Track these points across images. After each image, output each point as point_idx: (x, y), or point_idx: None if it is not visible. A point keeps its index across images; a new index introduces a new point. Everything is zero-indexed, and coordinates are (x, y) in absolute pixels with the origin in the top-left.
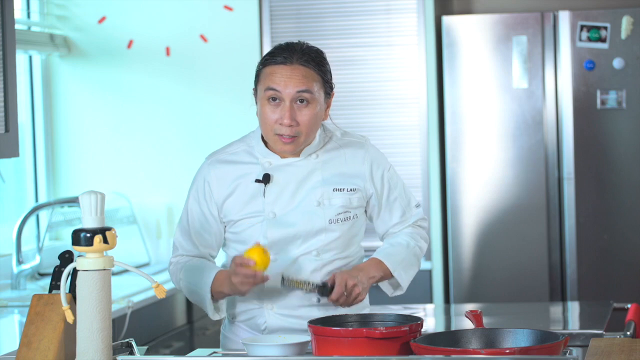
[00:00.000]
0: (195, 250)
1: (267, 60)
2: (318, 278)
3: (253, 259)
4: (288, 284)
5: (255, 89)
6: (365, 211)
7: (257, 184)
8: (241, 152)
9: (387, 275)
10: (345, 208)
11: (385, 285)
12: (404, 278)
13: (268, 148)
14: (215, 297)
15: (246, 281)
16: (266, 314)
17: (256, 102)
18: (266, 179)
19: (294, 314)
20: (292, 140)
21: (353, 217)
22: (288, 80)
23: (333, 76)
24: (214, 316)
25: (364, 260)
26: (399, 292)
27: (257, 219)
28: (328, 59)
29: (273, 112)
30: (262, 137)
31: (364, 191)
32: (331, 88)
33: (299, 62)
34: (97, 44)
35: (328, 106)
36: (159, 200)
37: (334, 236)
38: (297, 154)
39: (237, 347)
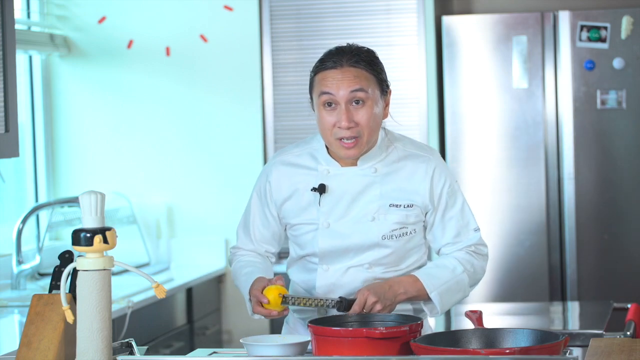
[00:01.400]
0: (251, 244)
1: (318, 67)
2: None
3: (267, 297)
4: (291, 303)
5: (311, 98)
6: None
7: (313, 192)
8: (305, 155)
9: (423, 295)
10: (401, 224)
11: (423, 306)
12: (442, 301)
13: (330, 154)
14: None
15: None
16: (321, 314)
17: (313, 110)
18: (322, 188)
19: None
20: (354, 144)
21: (410, 233)
22: (340, 82)
23: None
24: (254, 316)
25: None
26: (434, 315)
27: (312, 226)
28: None
29: (330, 115)
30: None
31: (422, 207)
32: (387, 86)
33: (348, 63)
34: (97, 44)
35: (387, 104)
36: (159, 200)
37: (386, 252)
38: (355, 161)
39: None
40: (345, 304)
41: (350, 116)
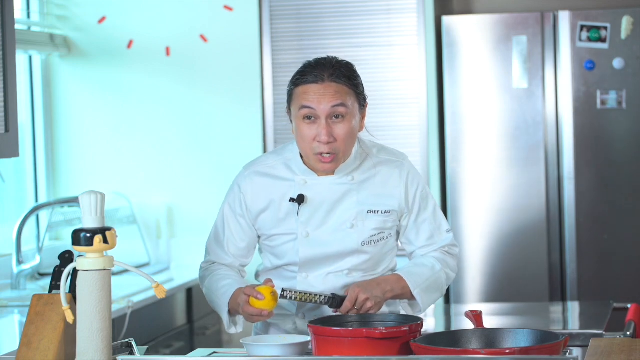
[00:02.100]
0: (227, 257)
1: (299, 80)
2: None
3: (263, 294)
4: (289, 297)
5: (289, 109)
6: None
7: (291, 202)
8: (279, 166)
9: (407, 293)
10: (380, 230)
11: (404, 306)
12: (424, 299)
13: (305, 164)
14: (232, 312)
15: (251, 318)
16: (297, 321)
17: (291, 121)
18: (300, 199)
19: None
20: (332, 158)
21: (386, 237)
22: (321, 97)
23: None
24: (230, 329)
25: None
26: (418, 314)
27: (291, 236)
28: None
29: (310, 129)
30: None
31: (398, 211)
32: (365, 99)
33: (330, 79)
34: (97, 44)
35: (363, 117)
36: (159, 200)
37: (365, 257)
38: (332, 171)
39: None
40: (337, 301)
41: (330, 131)
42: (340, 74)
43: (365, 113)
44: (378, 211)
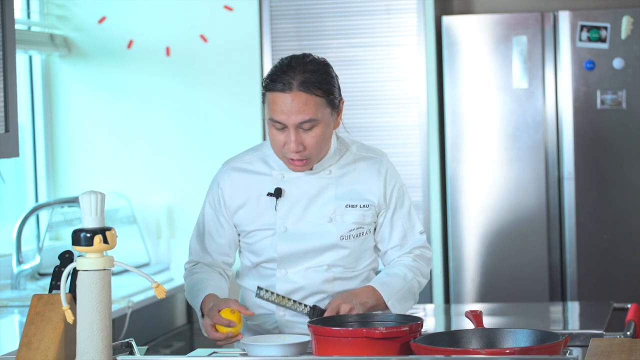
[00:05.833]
0: (208, 256)
1: (268, 85)
2: (328, 288)
3: (232, 319)
4: (265, 297)
5: (263, 102)
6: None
7: (269, 197)
8: (257, 161)
9: (381, 305)
10: (358, 224)
11: None
12: (397, 309)
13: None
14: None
15: (219, 343)
16: (278, 319)
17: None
18: (278, 192)
19: (305, 321)
20: (302, 163)
21: (366, 233)
22: (290, 108)
23: None
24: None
25: (377, 272)
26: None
27: (269, 231)
28: (328, 59)
29: (280, 135)
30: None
31: (377, 207)
32: (339, 100)
33: (298, 88)
34: (97, 44)
35: (339, 114)
36: (159, 200)
37: (344, 252)
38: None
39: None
40: (317, 312)
41: (299, 140)
42: (309, 83)
43: (342, 109)
44: (356, 205)
